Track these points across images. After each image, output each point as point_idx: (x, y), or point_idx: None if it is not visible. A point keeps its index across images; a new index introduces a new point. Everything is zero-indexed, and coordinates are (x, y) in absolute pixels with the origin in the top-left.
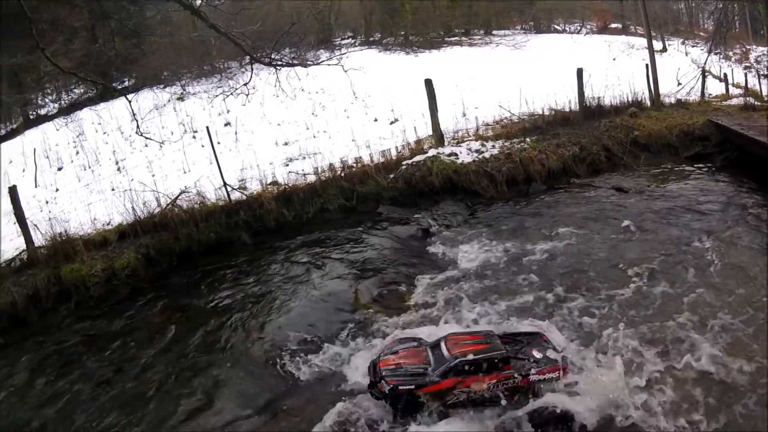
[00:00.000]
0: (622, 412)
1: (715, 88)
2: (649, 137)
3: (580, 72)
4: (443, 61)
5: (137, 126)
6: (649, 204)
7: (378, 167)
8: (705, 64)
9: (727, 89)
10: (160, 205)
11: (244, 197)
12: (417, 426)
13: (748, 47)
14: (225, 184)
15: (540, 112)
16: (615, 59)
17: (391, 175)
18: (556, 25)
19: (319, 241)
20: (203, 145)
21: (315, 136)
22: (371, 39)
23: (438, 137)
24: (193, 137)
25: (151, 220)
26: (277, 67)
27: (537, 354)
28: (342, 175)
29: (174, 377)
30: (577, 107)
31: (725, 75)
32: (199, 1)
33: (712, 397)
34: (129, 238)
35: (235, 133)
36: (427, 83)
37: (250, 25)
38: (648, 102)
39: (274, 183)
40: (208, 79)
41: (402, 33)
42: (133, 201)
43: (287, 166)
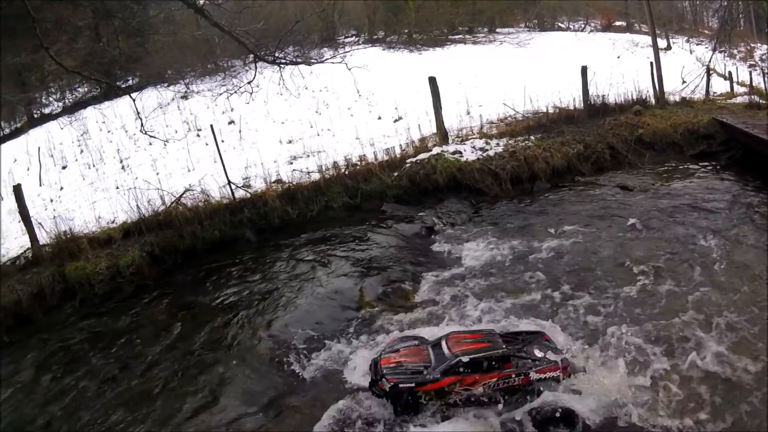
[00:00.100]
0: (627, 411)
1: (719, 86)
2: (654, 135)
3: (584, 70)
4: (447, 59)
5: (141, 124)
6: (654, 202)
7: (382, 165)
8: (709, 62)
9: (731, 87)
10: (164, 203)
11: (249, 195)
12: (418, 424)
13: (753, 45)
14: (229, 182)
15: (544, 110)
16: (619, 57)
17: (395, 173)
18: (560, 23)
19: (324, 238)
20: (207, 144)
21: (319, 135)
22: (375, 37)
23: (442, 135)
24: (197, 135)
25: (156, 218)
26: (281, 66)
27: (538, 353)
28: (346, 173)
29: (179, 374)
30: (582, 105)
31: (730, 73)
32: None
33: (718, 395)
34: (134, 236)
35: (239, 131)
36: (431, 81)
37: (254, 24)
38: (652, 100)
39: (279, 181)
40: (212, 78)
41: (405, 31)
42: (138, 199)
43: (291, 164)
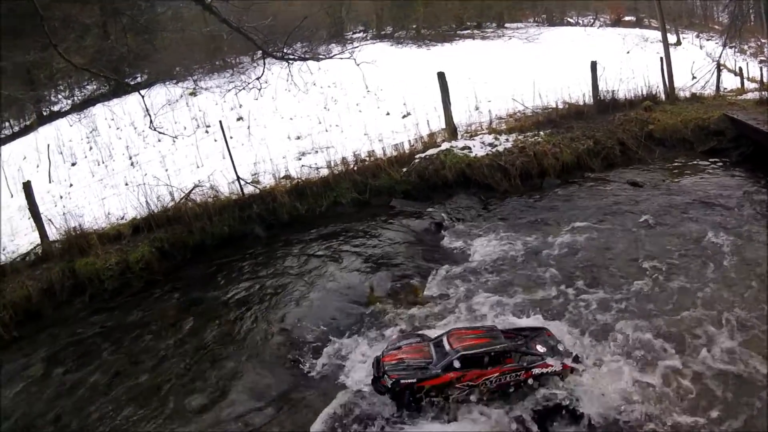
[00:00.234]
0: (635, 408)
1: (730, 82)
2: (664, 131)
3: (594, 65)
4: (455, 55)
5: (151, 121)
6: (665, 199)
7: (391, 161)
8: (720, 57)
9: (742, 83)
10: (173, 199)
11: (258, 191)
12: (420, 421)
13: (764, 41)
14: (238, 178)
15: (554, 106)
16: (629, 52)
17: (404, 169)
18: (569, 18)
19: (333, 234)
20: (216, 140)
21: (327, 130)
22: (383, 33)
23: (451, 130)
24: (206, 132)
25: (165, 213)
26: (290, 61)
27: (541, 348)
28: (355, 168)
29: (189, 369)
30: (591, 101)
31: (740, 69)
32: None
33: (730, 392)
34: (143, 232)
35: (248, 127)
36: (440, 76)
37: (262, 20)
38: (663, 96)
39: (287, 177)
40: (220, 74)
41: (414, 26)
42: (147, 195)
43: (300, 159)
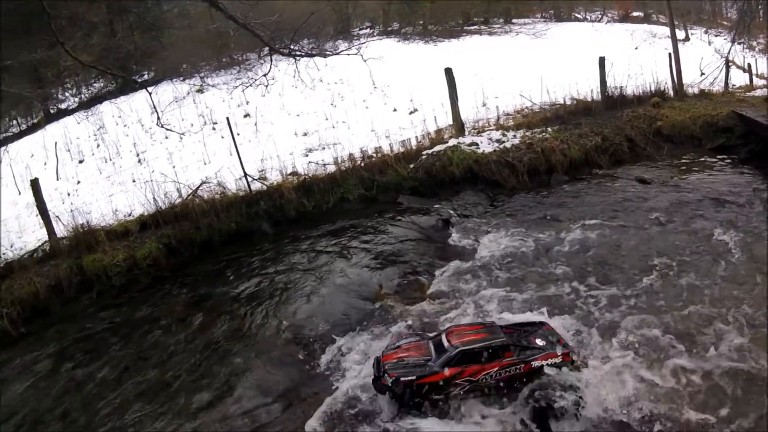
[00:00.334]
0: (642, 405)
1: (738, 78)
2: (673, 128)
3: (602, 61)
4: (463, 51)
5: (158, 118)
6: (673, 196)
7: (398, 157)
8: (728, 53)
9: (751, 80)
10: (181, 196)
11: (265, 187)
12: (419, 420)
13: None
14: (245, 175)
15: (561, 102)
16: (637, 48)
17: (411, 165)
18: (576, 14)
19: (340, 230)
20: (223, 137)
21: (334, 127)
22: (389, 29)
23: (458, 127)
24: (213, 129)
25: (172, 210)
26: (297, 58)
27: (540, 342)
28: (362, 165)
29: (196, 365)
30: (599, 97)
31: (749, 65)
32: None
33: (740, 390)
34: (150, 229)
35: (255, 124)
36: (447, 72)
37: (269, 17)
38: (671, 92)
39: (294, 173)
40: (227, 71)
41: (421, 22)
42: (154, 192)
43: (307, 156)
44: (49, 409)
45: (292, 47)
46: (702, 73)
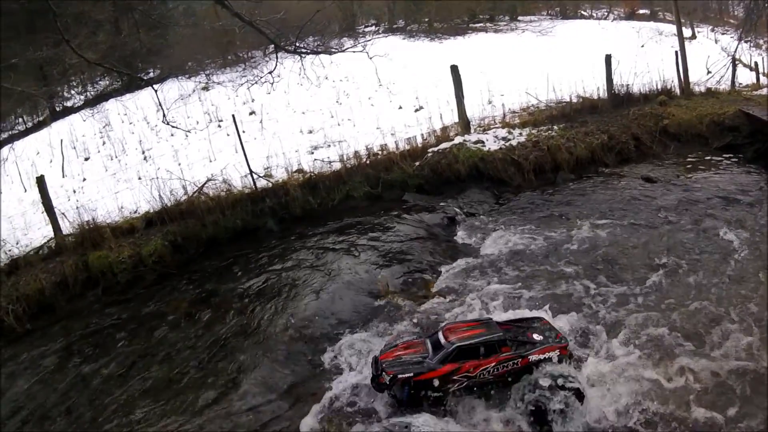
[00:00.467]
0: (647, 405)
1: (745, 77)
2: (679, 126)
3: (608, 59)
4: (468, 48)
5: (164, 115)
6: (680, 195)
7: (403, 155)
8: (735, 52)
9: (757, 78)
10: (186, 193)
11: (270, 185)
12: (417, 418)
13: None
14: (251, 172)
15: (567, 100)
16: (643, 46)
17: (417, 163)
18: (582, 11)
19: (345, 228)
20: (228, 134)
21: (339, 124)
22: (395, 26)
23: (464, 124)
24: (219, 126)
25: (178, 207)
26: (302, 55)
27: (537, 336)
28: (367, 162)
29: (201, 362)
30: (606, 95)
31: (756, 64)
32: None
33: (749, 389)
34: (156, 226)
35: (260, 121)
36: (453, 69)
37: (274, 14)
38: (677, 90)
39: (300, 170)
40: (233, 69)
41: (426, 20)
42: (160, 189)
43: (312, 153)
44: (55, 404)
45: (297, 45)
46: (708, 72)
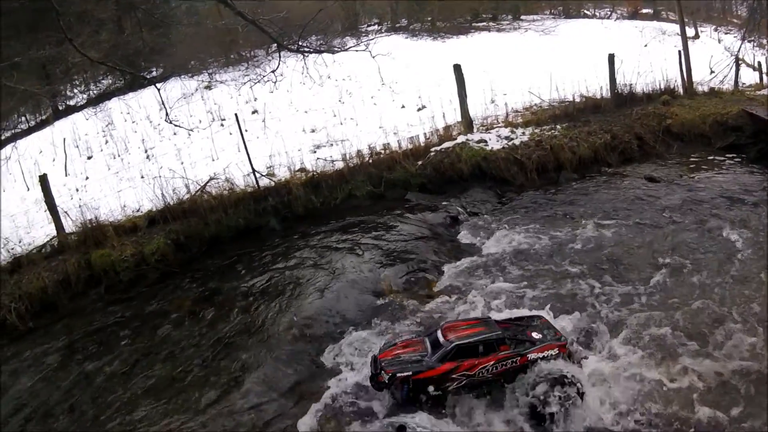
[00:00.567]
0: (650, 405)
1: (748, 77)
2: (682, 126)
3: (611, 58)
4: (471, 47)
5: (166, 114)
6: (683, 194)
7: (406, 154)
8: (738, 52)
9: (761, 78)
10: (189, 192)
11: (273, 184)
12: (415, 417)
13: None
14: (254, 171)
15: (570, 99)
16: (646, 45)
17: (420, 162)
18: (585, 11)
19: (348, 227)
20: (231, 133)
21: (342, 123)
22: (398, 25)
23: (467, 123)
24: (221, 125)
25: (181, 206)
26: (305, 54)
27: (536, 335)
28: (370, 161)
29: (204, 360)
30: (609, 94)
31: (759, 63)
32: None
33: (753, 388)
34: (159, 224)
35: (263, 120)
36: (456, 68)
37: (277, 13)
38: (680, 90)
39: (302, 170)
40: (236, 68)
41: (429, 19)
42: (163, 188)
43: (315, 152)
44: (58, 402)
45: (300, 44)
46: (712, 72)
